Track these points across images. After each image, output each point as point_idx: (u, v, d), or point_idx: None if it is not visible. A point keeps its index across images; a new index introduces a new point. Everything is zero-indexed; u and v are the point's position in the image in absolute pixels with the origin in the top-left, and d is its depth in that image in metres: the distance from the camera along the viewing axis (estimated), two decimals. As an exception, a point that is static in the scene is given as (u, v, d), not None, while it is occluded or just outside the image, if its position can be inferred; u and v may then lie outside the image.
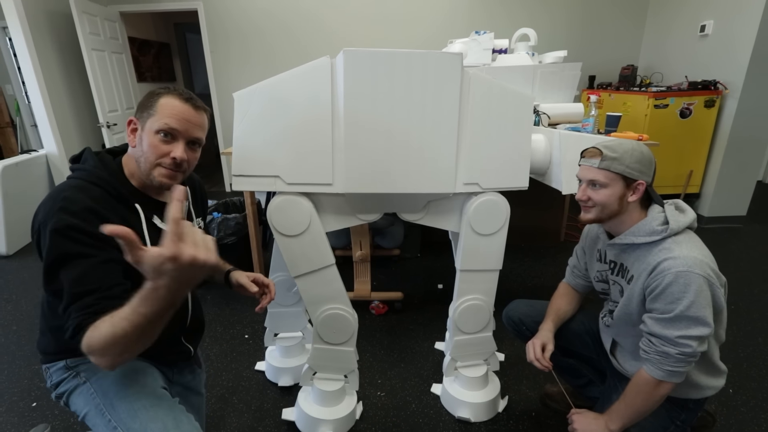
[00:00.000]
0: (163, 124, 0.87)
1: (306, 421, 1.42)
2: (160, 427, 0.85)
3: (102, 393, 0.90)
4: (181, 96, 0.90)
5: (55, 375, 0.94)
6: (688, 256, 0.97)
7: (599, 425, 1.10)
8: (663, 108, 3.20)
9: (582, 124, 2.19)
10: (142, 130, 0.89)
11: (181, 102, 0.89)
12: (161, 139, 0.88)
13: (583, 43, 3.99)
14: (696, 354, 0.98)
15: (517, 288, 2.44)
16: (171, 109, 0.88)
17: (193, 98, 0.92)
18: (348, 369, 1.43)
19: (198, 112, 0.92)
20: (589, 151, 1.09)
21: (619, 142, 1.07)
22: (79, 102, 3.69)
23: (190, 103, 0.91)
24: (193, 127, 0.91)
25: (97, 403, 0.89)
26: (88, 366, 0.93)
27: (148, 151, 0.88)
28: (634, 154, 1.04)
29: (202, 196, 1.16)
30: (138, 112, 0.91)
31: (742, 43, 2.96)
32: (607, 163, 1.04)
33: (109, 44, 3.70)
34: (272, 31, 4.04)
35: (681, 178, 3.37)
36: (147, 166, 0.90)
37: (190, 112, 0.90)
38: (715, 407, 1.49)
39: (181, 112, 0.89)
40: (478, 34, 2.60)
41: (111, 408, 0.88)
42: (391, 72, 1.11)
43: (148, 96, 0.90)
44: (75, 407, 0.93)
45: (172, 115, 0.88)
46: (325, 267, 1.30)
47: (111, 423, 0.87)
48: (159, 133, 0.88)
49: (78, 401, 0.92)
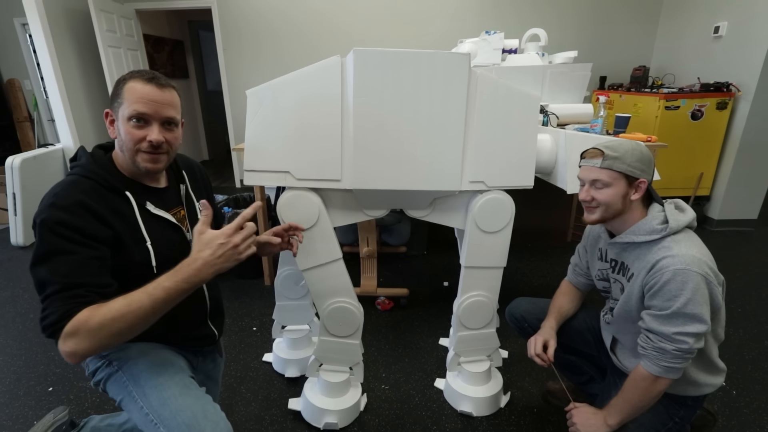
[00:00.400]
0: (132, 111, 0.87)
1: (311, 411, 1.46)
2: (189, 416, 0.88)
3: (134, 381, 0.93)
4: (143, 77, 0.89)
5: (91, 363, 0.98)
6: (686, 255, 0.99)
7: (598, 420, 1.12)
8: (674, 110, 3.18)
9: (591, 124, 2.20)
10: (117, 119, 0.90)
11: (143, 84, 0.88)
12: (134, 125, 0.89)
13: (594, 44, 3.97)
14: (692, 351, 1.00)
15: (523, 287, 2.45)
16: (136, 94, 0.88)
17: (156, 77, 0.90)
18: (353, 361, 1.47)
19: (163, 90, 0.90)
20: (590, 152, 1.11)
21: (619, 142, 1.09)
22: (95, 98, 3.77)
23: (153, 83, 0.89)
24: (161, 107, 0.90)
25: (129, 391, 0.92)
26: (119, 354, 0.96)
27: (126, 139, 0.89)
28: (635, 153, 1.06)
29: (203, 179, 1.17)
30: (111, 102, 0.91)
31: (756, 45, 2.93)
32: (610, 162, 1.06)
33: (125, 41, 3.78)
34: (284, 30, 4.09)
35: (691, 180, 3.35)
36: (129, 155, 0.91)
37: (155, 92, 0.89)
38: (717, 407, 1.50)
39: (147, 94, 0.88)
40: (488, 34, 2.61)
41: (143, 396, 0.91)
42: (399, 71, 1.14)
43: (116, 84, 0.90)
44: (112, 394, 0.97)
45: (138, 100, 0.87)
46: (333, 261, 1.33)
47: (143, 410, 0.90)
48: (131, 120, 0.88)
49: (113, 388, 0.96)
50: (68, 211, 0.81)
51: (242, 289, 2.37)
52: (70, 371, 1.74)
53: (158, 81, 0.90)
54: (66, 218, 0.81)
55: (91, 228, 0.83)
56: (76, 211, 0.82)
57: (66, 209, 0.81)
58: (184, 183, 1.08)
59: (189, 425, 0.86)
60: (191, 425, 0.87)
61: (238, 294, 2.33)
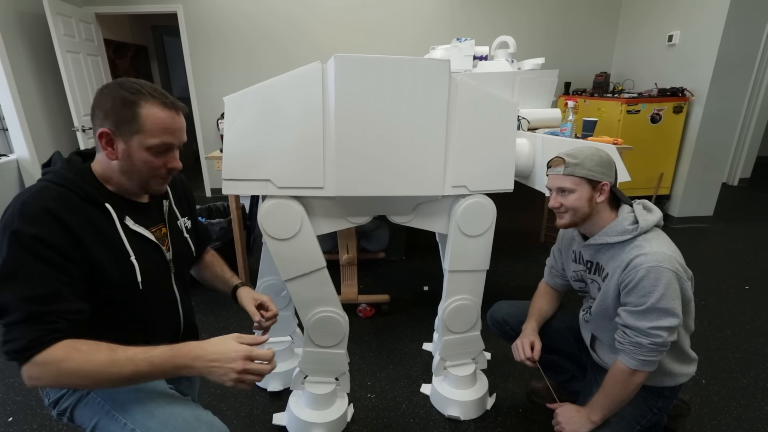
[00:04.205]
0: (159, 142, 0.83)
1: (298, 425, 1.42)
2: (180, 422, 0.83)
3: (111, 399, 0.87)
4: (159, 102, 0.82)
5: (52, 393, 0.91)
6: (657, 252, 1.04)
7: (581, 417, 1.16)
8: (635, 113, 3.35)
9: (561, 128, 2.28)
10: (127, 145, 0.82)
11: (163, 110, 0.83)
12: (155, 153, 0.84)
13: (559, 51, 4.13)
14: (666, 344, 1.05)
15: (501, 288, 2.50)
16: (159, 123, 0.82)
17: (172, 100, 0.86)
18: (339, 371, 1.44)
19: (180, 115, 0.87)
20: (553, 161, 1.16)
21: (578, 149, 1.15)
22: (52, 105, 3.57)
23: (172, 108, 0.85)
24: (181, 133, 0.88)
25: (107, 410, 0.86)
26: None
27: (142, 168, 0.84)
28: (594, 158, 1.11)
29: (186, 195, 1.11)
30: (113, 124, 0.81)
31: (706, 53, 3.13)
32: (571, 168, 1.11)
33: (84, 46, 3.61)
34: (255, 35, 4.02)
35: (652, 181, 3.52)
36: (139, 181, 0.87)
37: (176, 119, 0.85)
38: (689, 397, 1.57)
39: (171, 123, 0.84)
40: (459, 41, 2.66)
41: (124, 412, 0.85)
42: (381, 77, 1.13)
43: (122, 104, 0.80)
44: (81, 420, 0.90)
45: (164, 131, 0.83)
46: (316, 270, 1.31)
47: (127, 426, 0.83)
48: (151, 149, 0.83)
49: (84, 413, 0.89)
50: (35, 222, 0.74)
51: (218, 301, 2.29)
52: (32, 398, 1.62)
53: (176, 106, 0.86)
54: (42, 234, 0.74)
55: (63, 244, 0.77)
56: (43, 221, 0.75)
57: (32, 219, 0.74)
58: (168, 198, 1.02)
59: (182, 430, 0.82)
60: (185, 430, 0.82)
61: (214, 307, 2.25)
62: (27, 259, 0.73)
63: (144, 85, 0.83)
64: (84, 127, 3.46)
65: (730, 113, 3.23)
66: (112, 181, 0.88)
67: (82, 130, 3.44)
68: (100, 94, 0.82)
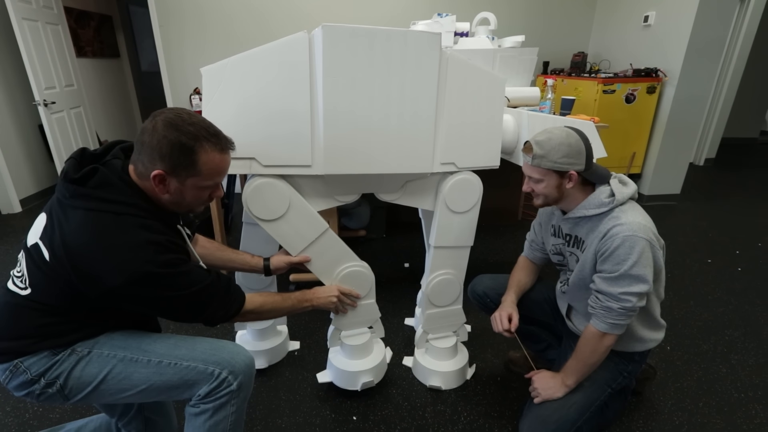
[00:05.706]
0: (213, 183, 0.94)
1: (345, 377, 1.47)
2: (207, 347, 0.95)
3: (123, 347, 0.92)
4: (216, 147, 0.90)
5: (34, 366, 0.88)
6: (633, 222, 1.09)
7: (556, 382, 1.22)
8: (610, 93, 3.42)
9: (540, 107, 2.31)
10: (181, 185, 0.90)
11: (220, 154, 0.91)
12: (206, 189, 0.95)
13: (538, 30, 4.12)
14: (635, 308, 1.11)
15: (480, 264, 2.56)
16: (215, 168, 0.91)
17: (227, 145, 0.93)
18: (373, 320, 1.49)
19: (230, 154, 0.96)
20: (525, 147, 1.18)
21: (548, 138, 1.14)
22: (8, 77, 3.35)
23: (227, 153, 0.93)
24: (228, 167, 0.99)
25: (122, 357, 0.91)
26: (84, 342, 0.91)
27: (194, 202, 0.95)
28: (561, 149, 1.12)
29: None
30: (169, 167, 0.86)
31: (680, 34, 3.20)
32: (537, 161, 1.14)
33: (43, 14, 3.37)
34: (232, 5, 3.84)
35: (625, 160, 3.63)
36: (186, 210, 0.99)
37: (228, 159, 0.95)
38: (656, 362, 1.67)
39: (225, 166, 0.94)
40: (440, 17, 2.62)
41: (144, 352, 0.92)
42: (370, 49, 1.10)
43: (180, 151, 0.85)
44: (82, 379, 0.90)
45: (220, 173, 0.93)
46: (322, 234, 1.30)
47: (152, 362, 0.91)
48: (205, 189, 0.94)
49: (88, 370, 0.90)
50: (170, 249, 0.89)
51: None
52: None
53: (228, 147, 0.94)
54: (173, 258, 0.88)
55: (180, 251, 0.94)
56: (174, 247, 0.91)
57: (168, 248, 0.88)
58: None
59: (212, 351, 0.94)
60: (215, 350, 0.95)
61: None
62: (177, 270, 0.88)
63: (198, 124, 0.88)
64: (46, 102, 3.27)
65: (700, 95, 3.33)
66: (158, 203, 0.95)
67: (44, 104, 3.24)
68: (153, 133, 0.85)
